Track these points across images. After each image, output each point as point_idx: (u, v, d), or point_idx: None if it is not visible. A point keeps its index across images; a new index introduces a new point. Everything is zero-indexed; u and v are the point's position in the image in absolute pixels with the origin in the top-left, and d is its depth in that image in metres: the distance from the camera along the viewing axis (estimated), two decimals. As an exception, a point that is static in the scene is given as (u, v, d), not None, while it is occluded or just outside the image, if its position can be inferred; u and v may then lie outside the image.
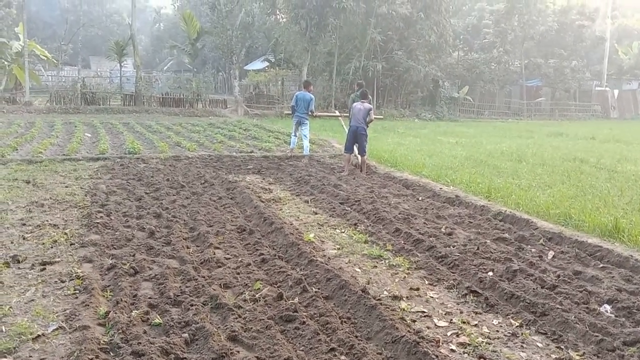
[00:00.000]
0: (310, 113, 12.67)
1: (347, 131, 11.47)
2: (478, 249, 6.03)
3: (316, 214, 7.80)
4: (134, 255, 5.42)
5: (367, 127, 11.11)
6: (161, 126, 19.28)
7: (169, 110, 26.89)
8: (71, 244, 5.81)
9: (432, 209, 8.04)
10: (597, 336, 3.96)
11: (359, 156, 11.28)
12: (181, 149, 13.54)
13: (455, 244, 6.26)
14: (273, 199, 8.64)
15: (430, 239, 6.40)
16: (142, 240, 6.01)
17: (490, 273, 5.27)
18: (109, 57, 37.15)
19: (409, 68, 29.10)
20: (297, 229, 6.76)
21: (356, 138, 10.99)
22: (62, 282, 4.76)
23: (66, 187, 8.83)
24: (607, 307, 4.53)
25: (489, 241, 6.37)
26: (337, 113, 16.29)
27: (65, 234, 6.15)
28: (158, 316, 4.09)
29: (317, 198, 8.67)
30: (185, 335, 3.79)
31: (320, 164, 12.34)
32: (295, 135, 12.88)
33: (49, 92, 27.88)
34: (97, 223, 6.45)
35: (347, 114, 12.97)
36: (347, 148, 11.17)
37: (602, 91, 39.37)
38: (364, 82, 12.80)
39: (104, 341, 3.68)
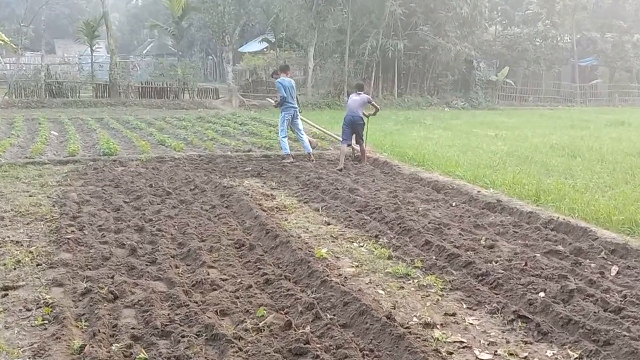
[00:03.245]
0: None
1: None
2: (526, 264, 6.00)
3: (329, 224, 7.80)
4: (112, 277, 5.44)
5: (369, 115, 12.28)
6: (141, 121, 19.38)
7: (150, 102, 27.12)
8: (37, 265, 5.84)
9: (469, 216, 8.02)
10: (674, 369, 3.92)
11: (358, 145, 12.38)
12: (166, 149, 13.60)
13: (498, 258, 6.23)
14: (277, 207, 8.65)
15: (468, 253, 6.37)
16: (122, 258, 6.03)
17: (542, 294, 5.24)
18: (78, 40, 37.51)
19: (436, 47, 29.05)
20: (306, 243, 6.76)
21: (353, 128, 12.00)
22: (28, 310, 4.78)
23: (30, 196, 8.89)
24: (686, 333, 4.48)
25: (538, 255, 6.34)
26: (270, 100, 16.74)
27: (31, 252, 6.18)
28: (143, 350, 4.10)
29: (330, 205, 8.66)
30: (176, 373, 3.81)
31: (331, 163, 12.34)
32: (286, 136, 12.52)
33: (7, 83, 28.14)
34: (68, 239, 6.48)
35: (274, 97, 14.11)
36: (345, 139, 12.13)
37: (672, 70, 39.03)
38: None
39: (79, 381, 3.70)
